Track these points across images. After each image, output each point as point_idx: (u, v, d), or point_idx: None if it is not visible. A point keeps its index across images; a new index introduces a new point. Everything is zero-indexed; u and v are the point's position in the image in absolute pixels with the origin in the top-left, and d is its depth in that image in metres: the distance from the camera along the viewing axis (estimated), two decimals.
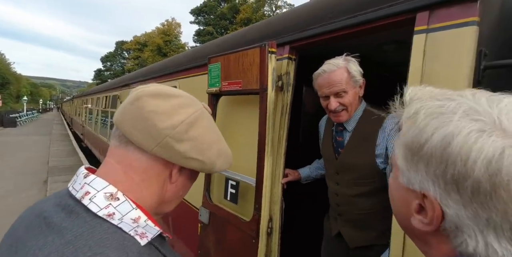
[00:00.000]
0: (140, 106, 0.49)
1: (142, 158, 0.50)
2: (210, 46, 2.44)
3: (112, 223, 0.44)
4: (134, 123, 0.49)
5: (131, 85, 4.54)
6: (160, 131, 0.48)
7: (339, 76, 1.21)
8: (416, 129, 0.37)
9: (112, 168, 0.51)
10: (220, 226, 1.78)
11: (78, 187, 0.47)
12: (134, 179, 0.50)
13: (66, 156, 9.33)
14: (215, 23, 38.13)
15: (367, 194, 1.30)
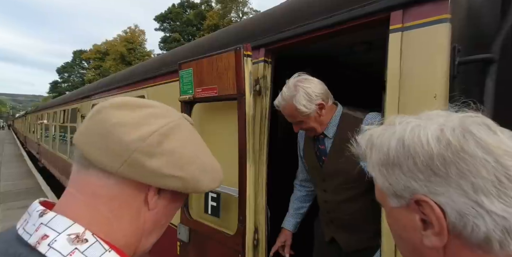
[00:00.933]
0: (101, 119, 0.41)
1: (108, 182, 0.41)
2: (180, 51, 2.33)
3: None
4: (94, 140, 0.40)
5: (92, 96, 4.21)
6: (126, 146, 0.39)
7: (288, 110, 1.24)
8: (376, 148, 0.42)
9: (73, 200, 0.41)
10: (201, 243, 1.66)
11: (31, 230, 0.37)
12: (101, 211, 0.40)
13: (21, 179, 8.37)
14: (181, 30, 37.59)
15: (355, 198, 1.29)
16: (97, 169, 0.40)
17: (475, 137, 0.35)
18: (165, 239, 2.21)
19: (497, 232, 0.33)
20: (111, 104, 0.42)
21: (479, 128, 0.36)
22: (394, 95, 0.94)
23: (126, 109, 0.42)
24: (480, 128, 0.36)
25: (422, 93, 0.88)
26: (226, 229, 1.53)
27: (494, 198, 0.33)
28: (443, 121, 0.38)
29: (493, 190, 0.34)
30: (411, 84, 0.91)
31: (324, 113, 1.27)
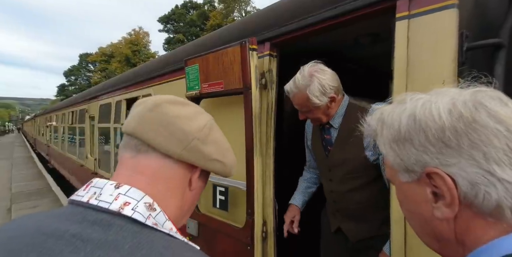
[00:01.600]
0: (163, 112, 0.49)
1: (166, 165, 0.49)
2: (185, 49, 2.35)
3: (163, 232, 0.43)
4: (158, 128, 0.47)
5: (100, 97, 4.27)
6: (187, 134, 0.48)
7: (299, 99, 1.23)
8: (387, 125, 0.43)
9: (133, 180, 0.46)
10: (210, 237, 1.68)
11: (109, 199, 0.42)
12: (160, 189, 0.47)
13: (32, 180, 8.54)
14: (185, 31, 37.75)
15: (361, 187, 1.29)
16: (157, 153, 0.48)
17: (487, 108, 0.36)
18: None
19: (508, 199, 0.34)
20: (166, 100, 0.50)
21: (490, 100, 0.37)
22: (402, 83, 0.94)
23: (178, 105, 0.51)
24: (492, 100, 0.37)
25: (430, 80, 0.88)
26: (234, 222, 1.54)
27: (505, 166, 0.34)
28: (454, 95, 0.39)
29: (505, 159, 0.34)
30: (419, 71, 0.90)
31: (333, 105, 1.27)
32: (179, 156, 0.48)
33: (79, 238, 0.38)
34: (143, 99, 0.53)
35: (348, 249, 1.41)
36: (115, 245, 0.38)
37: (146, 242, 0.39)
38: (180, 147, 0.48)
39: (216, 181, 1.66)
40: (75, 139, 6.14)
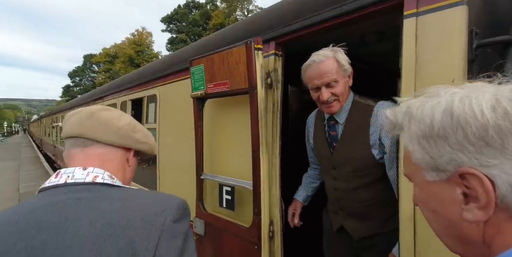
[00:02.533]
0: (98, 117, 0.69)
1: (108, 151, 0.70)
2: (190, 49, 2.35)
3: (126, 187, 0.67)
4: (98, 128, 0.68)
5: (105, 97, 4.31)
6: (120, 128, 0.70)
7: (329, 66, 1.19)
8: (416, 120, 0.40)
9: (88, 164, 0.65)
10: (217, 236, 1.68)
11: (82, 177, 0.62)
12: (108, 167, 0.67)
13: (39, 180, 8.66)
14: (188, 30, 37.81)
15: (367, 186, 1.28)
16: (100, 144, 0.68)
17: None
18: None
19: None
20: (97, 109, 0.71)
21: None
22: (410, 81, 0.93)
23: (106, 111, 0.71)
24: None
25: (440, 78, 0.87)
26: (241, 222, 1.55)
27: None
28: (495, 91, 0.36)
29: None
30: (428, 69, 0.89)
31: (350, 83, 1.27)
32: (119, 143, 0.70)
33: (74, 199, 0.57)
34: (76, 110, 0.72)
35: (351, 247, 1.41)
36: (102, 197, 0.58)
37: (119, 192, 0.62)
38: (117, 137, 0.70)
39: (222, 181, 1.67)
40: None
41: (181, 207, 0.61)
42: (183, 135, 2.27)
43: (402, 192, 0.97)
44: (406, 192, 0.96)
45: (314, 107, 2.32)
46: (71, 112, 0.72)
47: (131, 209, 0.57)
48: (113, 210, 0.56)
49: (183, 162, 2.29)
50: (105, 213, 0.55)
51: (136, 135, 0.73)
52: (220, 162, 1.76)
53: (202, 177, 1.80)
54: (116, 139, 0.70)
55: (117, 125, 0.70)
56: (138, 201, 0.59)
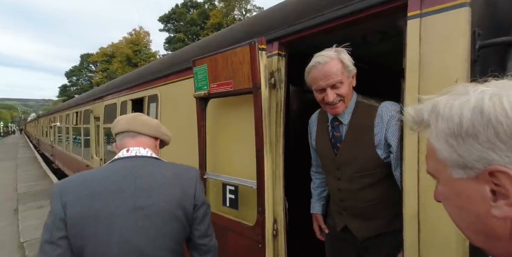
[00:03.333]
0: (140, 118, 1.12)
1: (147, 139, 1.11)
2: (191, 49, 2.36)
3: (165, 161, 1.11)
4: (142, 125, 1.10)
5: (105, 97, 4.30)
6: (153, 125, 1.13)
7: (334, 67, 1.18)
8: (444, 118, 0.40)
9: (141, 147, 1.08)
10: (221, 235, 1.69)
11: (145, 152, 1.06)
12: (148, 151, 1.08)
13: (37, 180, 8.61)
14: (185, 30, 37.65)
15: (371, 186, 1.28)
16: (143, 135, 1.09)
17: None
18: None
19: None
20: (137, 114, 1.15)
21: None
22: (414, 82, 0.95)
23: (142, 115, 1.14)
24: None
25: (443, 78, 0.89)
26: (245, 221, 1.56)
27: None
28: None
29: None
30: (431, 70, 0.91)
31: (354, 83, 1.27)
32: (152, 135, 1.12)
33: (146, 163, 1.01)
34: (123, 116, 1.14)
35: (355, 247, 1.41)
36: (160, 163, 1.04)
37: (165, 162, 1.07)
38: (152, 131, 1.11)
39: (226, 180, 1.68)
40: (80, 139, 6.18)
41: (197, 169, 1.15)
42: (185, 135, 2.28)
43: (406, 191, 0.99)
44: (410, 191, 0.98)
45: (315, 107, 2.33)
46: (120, 117, 1.14)
47: (177, 169, 1.06)
48: (169, 169, 1.04)
49: (185, 161, 2.30)
50: (166, 171, 1.02)
51: (162, 130, 1.16)
52: (223, 161, 1.77)
53: (205, 176, 1.82)
54: (152, 132, 1.11)
55: (151, 124, 1.12)
56: (177, 166, 1.09)
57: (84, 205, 0.85)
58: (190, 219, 1.01)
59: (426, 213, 0.94)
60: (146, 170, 0.98)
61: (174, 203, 0.95)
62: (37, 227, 4.64)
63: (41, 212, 5.47)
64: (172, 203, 0.95)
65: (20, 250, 3.83)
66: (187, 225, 1.00)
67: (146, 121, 1.10)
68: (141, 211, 0.90)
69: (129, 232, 0.87)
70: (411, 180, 0.97)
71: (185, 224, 0.99)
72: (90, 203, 0.86)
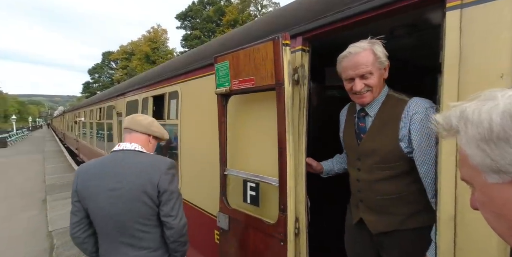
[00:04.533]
0: (135, 119, 1.48)
1: (139, 135, 1.46)
2: (212, 45, 2.36)
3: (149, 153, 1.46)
4: (135, 124, 1.46)
5: (126, 94, 4.43)
6: (144, 124, 1.47)
7: (365, 57, 1.19)
8: (474, 123, 0.40)
9: (133, 141, 1.44)
10: (242, 231, 1.70)
11: (129, 147, 1.41)
12: (140, 144, 1.45)
13: (63, 173, 9.09)
14: (202, 27, 37.96)
15: (390, 179, 1.26)
16: (136, 132, 1.46)
17: None
18: (203, 229, 2.30)
19: None
20: (135, 115, 1.51)
21: None
22: (453, 77, 0.89)
23: (139, 116, 1.51)
24: None
25: (486, 73, 0.83)
26: (266, 218, 1.56)
27: None
28: None
29: None
30: (473, 64, 0.85)
31: (386, 76, 1.26)
32: (144, 132, 1.46)
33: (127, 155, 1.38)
34: (128, 116, 1.52)
35: (371, 242, 1.40)
36: (138, 155, 1.39)
37: (144, 154, 1.42)
38: (144, 129, 1.46)
39: (247, 177, 1.68)
40: (103, 134, 6.42)
41: (169, 162, 1.40)
42: (205, 131, 2.30)
43: (442, 193, 0.94)
44: (446, 194, 0.93)
45: (335, 103, 2.27)
46: (127, 117, 1.51)
47: (151, 161, 1.36)
48: (143, 160, 1.36)
49: (204, 157, 2.33)
50: (140, 161, 1.35)
51: (152, 128, 1.49)
52: (244, 158, 1.77)
53: (226, 172, 1.83)
54: (143, 130, 1.46)
55: (143, 123, 1.47)
56: (154, 158, 1.39)
57: (84, 183, 1.32)
58: (156, 201, 1.32)
59: (463, 216, 0.89)
60: (125, 161, 1.34)
61: (138, 188, 1.28)
62: (63, 217, 4.90)
63: (67, 203, 5.77)
64: (137, 188, 1.28)
65: (49, 239, 4.06)
66: (154, 206, 1.32)
67: (139, 121, 1.46)
68: (113, 192, 1.29)
69: (105, 205, 1.29)
70: (447, 182, 0.92)
71: (151, 205, 1.31)
72: (88, 182, 1.32)
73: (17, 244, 3.90)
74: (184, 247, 1.46)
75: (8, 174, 9.13)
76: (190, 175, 2.58)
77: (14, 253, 3.63)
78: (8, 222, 4.80)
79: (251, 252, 1.62)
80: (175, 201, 1.37)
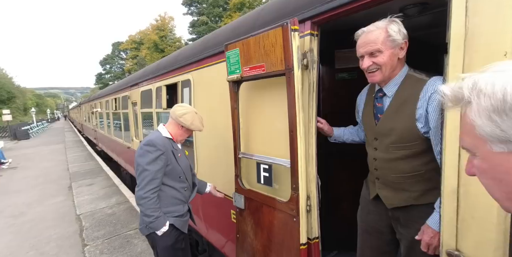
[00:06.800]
0: (174, 108, 1.92)
1: (172, 121, 1.93)
2: (222, 33, 2.39)
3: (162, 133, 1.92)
4: (172, 112, 1.91)
5: (140, 83, 4.55)
6: (176, 114, 1.88)
7: (375, 35, 1.22)
8: (487, 94, 0.41)
9: (166, 125, 1.97)
10: (257, 209, 1.82)
11: (159, 128, 1.95)
12: (170, 127, 1.94)
13: (85, 161, 9.57)
14: (208, 12, 37.20)
15: (406, 158, 1.29)
16: (171, 118, 1.92)
17: None
18: (221, 210, 2.45)
19: None
20: (178, 105, 1.95)
21: None
22: (458, 56, 0.91)
23: (177, 106, 1.93)
24: None
25: (491, 51, 0.85)
26: (279, 196, 1.66)
27: None
28: None
29: None
30: (478, 43, 0.87)
31: (402, 55, 1.26)
32: (174, 119, 1.90)
33: None
34: None
35: (386, 216, 1.46)
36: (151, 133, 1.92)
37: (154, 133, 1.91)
38: (174, 117, 1.88)
39: (260, 160, 1.77)
40: (120, 123, 6.66)
41: (147, 140, 1.78)
42: (218, 117, 2.39)
43: (446, 166, 0.99)
44: (450, 166, 0.98)
45: (347, 85, 2.29)
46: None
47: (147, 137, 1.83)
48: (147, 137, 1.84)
49: (218, 142, 2.43)
50: None
51: (180, 118, 1.85)
52: (256, 141, 1.86)
53: (239, 156, 1.92)
54: (174, 117, 1.87)
55: (176, 113, 1.86)
56: (150, 135, 1.85)
57: None
58: None
59: (466, 188, 0.95)
60: None
61: None
62: (89, 202, 5.27)
63: (91, 189, 6.15)
64: None
65: (78, 221, 4.41)
66: None
67: (174, 110, 1.88)
68: None
69: None
70: (451, 155, 0.97)
71: None
72: None
73: (51, 227, 4.26)
74: (144, 217, 1.75)
75: (34, 163, 9.71)
76: (205, 159, 2.71)
77: (49, 234, 3.98)
78: (41, 207, 5.20)
79: (266, 228, 1.75)
80: (139, 172, 1.73)
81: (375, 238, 1.56)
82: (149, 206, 1.72)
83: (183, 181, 1.93)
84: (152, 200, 1.73)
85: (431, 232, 1.22)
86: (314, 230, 1.58)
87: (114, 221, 4.31)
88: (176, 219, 1.87)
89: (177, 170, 1.88)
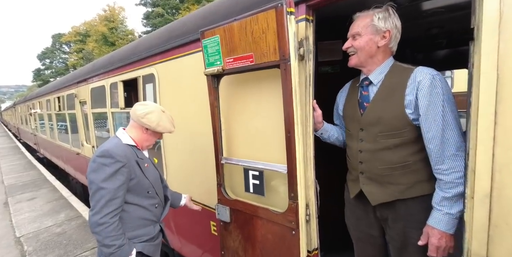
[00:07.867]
0: (134, 107, 1.52)
1: (134, 124, 1.53)
2: (192, 19, 2.07)
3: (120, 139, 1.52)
4: (132, 112, 1.51)
5: (90, 79, 3.94)
6: (137, 114, 1.48)
7: (360, 19, 1.26)
8: None
9: (127, 128, 1.57)
10: (246, 222, 1.60)
11: (120, 132, 1.55)
12: (130, 131, 1.55)
13: (24, 171, 8.25)
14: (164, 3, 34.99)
15: (394, 148, 1.24)
16: (132, 120, 1.53)
17: None
18: (197, 221, 2.16)
19: None
20: (140, 103, 1.54)
21: None
22: (492, 42, 0.80)
23: (138, 105, 1.52)
24: None
25: None
26: (273, 207, 1.46)
27: None
28: None
29: None
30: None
31: (380, 44, 1.24)
32: (136, 121, 1.50)
33: None
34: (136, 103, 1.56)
35: (375, 220, 1.40)
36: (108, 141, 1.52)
37: (111, 140, 1.50)
38: (135, 118, 1.49)
39: (248, 165, 1.54)
40: (65, 126, 5.81)
41: (102, 150, 1.37)
42: (190, 117, 2.09)
43: (479, 167, 0.88)
44: (481, 169, 0.87)
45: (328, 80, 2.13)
46: None
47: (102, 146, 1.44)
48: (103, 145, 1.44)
49: (191, 147, 2.14)
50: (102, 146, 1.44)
51: (143, 119, 1.47)
52: (242, 145, 1.62)
53: (222, 161, 1.67)
54: (135, 119, 1.49)
55: (136, 113, 1.48)
56: (107, 143, 1.44)
57: None
58: None
59: (500, 192, 0.85)
60: None
61: None
62: (32, 220, 4.47)
63: (33, 204, 5.26)
64: None
65: (18, 245, 3.68)
66: None
67: (135, 110, 1.49)
68: None
69: None
70: (483, 156, 0.86)
71: None
72: None
73: None
74: (103, 247, 1.34)
75: None
76: (175, 165, 2.38)
77: None
78: None
79: (258, 243, 1.53)
80: (93, 192, 1.33)
81: (370, 246, 1.50)
82: (108, 234, 1.31)
83: (153, 196, 1.54)
84: (112, 226, 1.32)
85: (438, 233, 1.14)
86: (313, 241, 1.42)
87: (64, 242, 3.68)
88: (145, 245, 1.48)
89: (145, 184, 1.49)
